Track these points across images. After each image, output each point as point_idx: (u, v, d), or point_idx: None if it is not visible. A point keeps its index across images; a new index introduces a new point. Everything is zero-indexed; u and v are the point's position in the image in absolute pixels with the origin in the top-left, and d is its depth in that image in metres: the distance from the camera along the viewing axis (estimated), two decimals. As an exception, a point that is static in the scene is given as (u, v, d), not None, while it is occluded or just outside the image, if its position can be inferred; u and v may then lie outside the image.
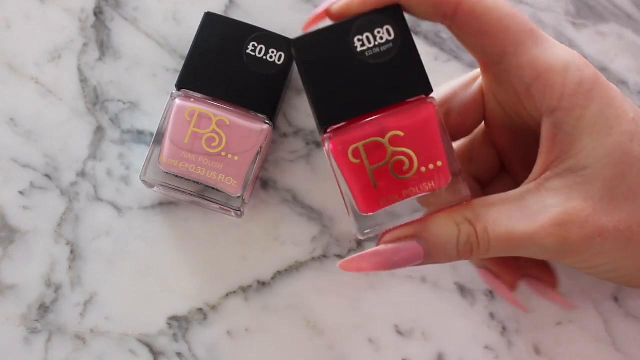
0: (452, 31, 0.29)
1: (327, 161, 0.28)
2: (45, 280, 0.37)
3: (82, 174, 0.38)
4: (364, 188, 0.28)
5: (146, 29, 0.40)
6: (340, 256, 0.38)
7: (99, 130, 0.38)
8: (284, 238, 0.38)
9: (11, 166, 0.38)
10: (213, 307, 0.37)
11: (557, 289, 0.34)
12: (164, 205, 0.38)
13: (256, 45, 0.36)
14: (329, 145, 0.28)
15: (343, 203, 0.29)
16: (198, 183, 0.35)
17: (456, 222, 0.28)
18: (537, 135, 0.29)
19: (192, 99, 0.36)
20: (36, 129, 0.38)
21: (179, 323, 0.37)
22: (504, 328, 0.37)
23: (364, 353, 0.37)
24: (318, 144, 0.39)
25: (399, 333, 0.37)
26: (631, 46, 0.40)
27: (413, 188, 0.27)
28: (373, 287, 0.37)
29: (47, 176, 0.38)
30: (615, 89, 0.28)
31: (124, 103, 0.39)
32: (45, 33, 0.39)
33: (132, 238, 0.37)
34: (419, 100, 0.28)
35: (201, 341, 0.37)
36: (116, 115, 0.39)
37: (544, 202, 0.27)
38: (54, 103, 0.39)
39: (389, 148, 0.27)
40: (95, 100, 0.39)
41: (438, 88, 0.33)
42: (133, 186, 0.38)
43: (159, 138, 0.35)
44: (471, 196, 0.28)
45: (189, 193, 0.36)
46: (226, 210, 0.36)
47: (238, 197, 0.35)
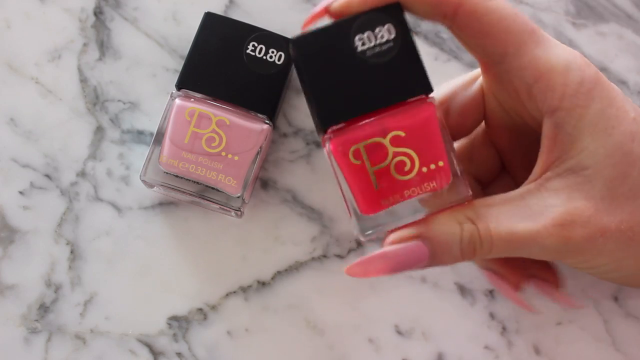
0: (453, 31, 0.29)
1: (328, 161, 0.28)
2: (45, 280, 0.37)
3: (82, 174, 0.38)
4: (365, 189, 0.27)
5: (146, 29, 0.40)
6: (340, 256, 0.38)
7: (99, 130, 0.38)
8: (284, 238, 0.38)
9: (11, 166, 0.38)
10: (213, 307, 0.37)
11: (563, 289, 0.34)
12: (164, 205, 0.38)
13: (256, 45, 0.36)
14: (330, 146, 0.27)
15: (344, 204, 0.29)
16: (198, 183, 0.35)
17: (458, 221, 0.28)
18: (538, 135, 0.29)
19: (192, 99, 0.36)
20: (36, 129, 0.38)
21: (179, 323, 0.37)
22: (504, 328, 0.37)
23: (364, 353, 0.37)
24: (318, 144, 0.39)
25: (399, 333, 0.37)
26: (631, 46, 0.40)
27: (414, 188, 0.27)
28: (373, 287, 0.37)
29: (47, 176, 0.38)
30: (616, 89, 0.28)
31: (124, 103, 0.39)
32: (45, 33, 0.39)
33: (132, 238, 0.37)
34: (420, 100, 0.28)
35: (201, 341, 0.37)
36: (116, 115, 0.39)
37: (545, 202, 0.27)
38: (54, 103, 0.39)
39: (390, 148, 0.27)
40: (95, 100, 0.39)
41: (438, 88, 0.33)
42: (133, 186, 0.38)
43: (159, 138, 0.35)
44: (472, 194, 0.28)
45: (189, 193, 0.36)
46: (226, 210, 0.36)
47: (238, 197, 0.35)
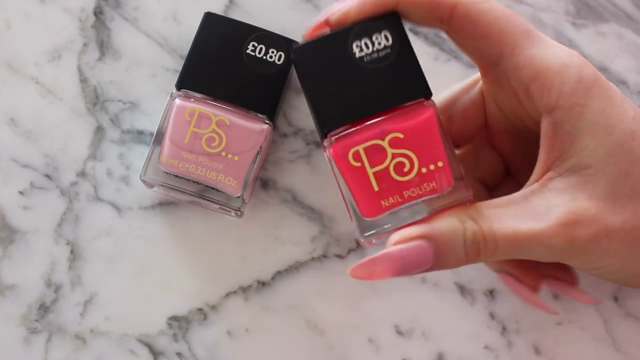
0: (450, 35, 0.29)
1: (328, 164, 0.28)
2: (45, 280, 0.37)
3: (82, 174, 0.38)
4: (365, 190, 0.28)
5: (146, 29, 0.40)
6: (340, 256, 0.38)
7: (99, 130, 0.38)
8: (284, 238, 0.38)
9: (11, 166, 0.38)
10: (213, 307, 0.37)
11: (578, 286, 0.34)
12: (164, 205, 0.38)
13: (256, 45, 0.36)
14: (330, 150, 0.28)
15: (345, 207, 0.29)
16: (198, 183, 0.35)
17: (461, 220, 0.27)
18: (538, 137, 0.29)
19: (192, 99, 0.36)
20: (36, 129, 0.38)
21: (179, 323, 0.37)
22: (504, 328, 0.37)
23: (364, 353, 0.37)
24: (318, 144, 0.39)
25: (399, 333, 0.37)
26: (631, 46, 0.40)
27: (414, 189, 0.28)
28: (373, 288, 0.37)
29: (47, 176, 0.38)
30: (614, 88, 0.28)
31: (124, 103, 0.39)
32: (45, 33, 0.39)
33: (132, 238, 0.37)
34: (419, 103, 0.28)
35: (201, 341, 0.37)
36: (116, 115, 0.39)
37: (549, 203, 0.27)
38: (54, 103, 0.39)
39: (389, 150, 0.27)
40: (95, 100, 0.39)
41: (439, 94, 0.33)
42: (133, 186, 0.38)
43: (159, 138, 0.35)
44: (475, 199, 0.28)
45: (189, 193, 0.36)
46: (226, 210, 0.36)
47: (238, 197, 0.35)
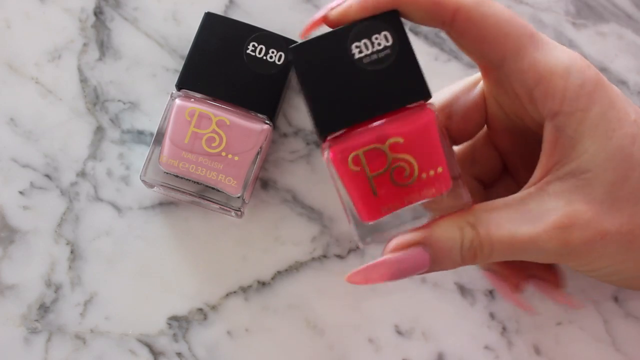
0: (451, 36, 0.29)
1: (327, 168, 0.28)
2: (45, 280, 0.37)
3: (82, 174, 0.38)
4: (365, 196, 0.27)
5: (146, 29, 0.40)
6: (340, 256, 0.38)
7: (99, 130, 0.38)
8: (284, 238, 0.38)
9: (11, 166, 0.38)
10: (213, 307, 0.37)
11: (563, 290, 0.34)
12: (164, 205, 0.38)
13: (256, 45, 0.36)
14: (329, 153, 0.27)
15: (343, 211, 0.29)
16: (198, 183, 0.35)
17: (459, 226, 0.28)
18: (539, 137, 0.29)
19: (192, 99, 0.36)
20: (36, 129, 0.38)
21: (179, 323, 0.37)
22: (504, 328, 0.37)
23: (364, 353, 0.37)
24: (318, 144, 0.39)
25: (399, 333, 0.37)
26: (631, 46, 0.40)
27: (414, 195, 0.27)
28: (373, 287, 0.37)
29: (47, 176, 0.38)
30: (617, 91, 0.28)
31: (124, 103, 0.39)
32: (45, 33, 0.39)
33: (132, 238, 0.37)
34: (418, 106, 0.28)
35: (201, 341, 0.37)
36: (116, 115, 0.39)
37: (545, 206, 0.27)
38: (54, 103, 0.39)
39: (389, 155, 0.27)
40: (95, 100, 0.39)
41: (439, 92, 0.33)
42: (133, 186, 0.38)
43: (159, 138, 0.35)
44: (472, 201, 0.28)
45: (189, 193, 0.36)
46: (226, 210, 0.36)
47: (238, 197, 0.35)
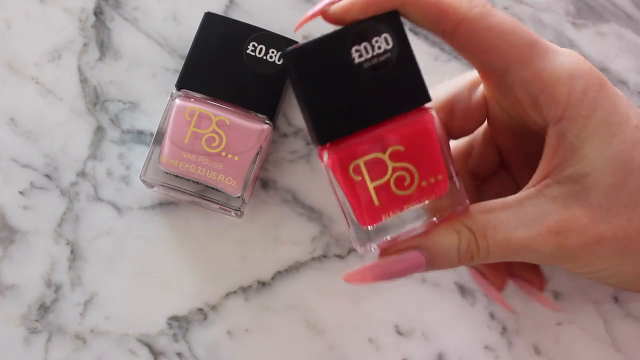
0: (450, 44, 0.28)
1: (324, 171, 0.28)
2: (45, 280, 0.37)
3: (82, 174, 0.38)
4: (365, 204, 0.27)
5: (146, 29, 0.40)
6: (340, 256, 0.38)
7: (99, 130, 0.38)
8: (284, 238, 0.38)
9: (11, 166, 0.38)
10: (213, 307, 0.37)
11: (544, 291, 0.35)
12: (164, 205, 0.38)
13: (256, 45, 0.36)
14: (328, 160, 0.27)
15: (342, 215, 0.28)
16: (198, 183, 0.35)
17: (456, 230, 0.28)
18: (540, 136, 0.29)
19: (192, 99, 0.36)
20: (36, 129, 0.38)
21: (179, 323, 0.37)
22: (504, 328, 0.37)
23: (364, 353, 0.37)
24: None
25: (399, 333, 0.37)
26: (631, 46, 0.40)
27: (414, 201, 0.27)
28: (373, 287, 0.37)
29: (47, 176, 0.38)
30: (619, 95, 0.28)
31: (124, 103, 0.39)
32: (45, 33, 0.39)
33: (132, 238, 0.37)
34: (418, 111, 0.27)
35: (201, 341, 0.37)
36: (116, 115, 0.39)
37: (543, 209, 0.27)
38: (54, 103, 0.39)
39: (390, 163, 0.27)
40: (95, 100, 0.39)
41: (441, 86, 0.32)
42: (133, 186, 0.38)
43: (159, 138, 0.35)
44: (469, 204, 0.28)
45: (189, 193, 0.36)
46: (226, 210, 0.36)
47: (238, 197, 0.35)
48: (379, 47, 0.26)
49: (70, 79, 0.39)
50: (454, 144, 0.34)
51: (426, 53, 0.40)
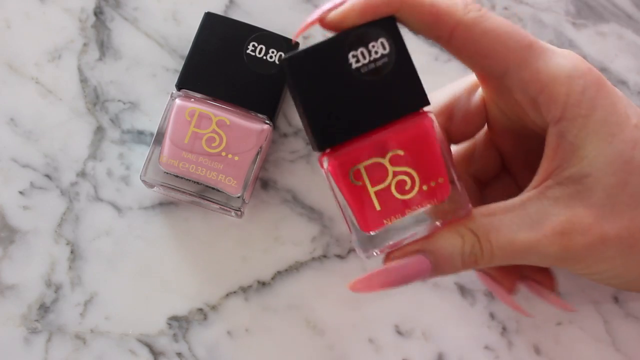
0: (447, 50, 0.28)
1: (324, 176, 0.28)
2: (45, 280, 0.37)
3: (82, 174, 0.38)
4: (367, 209, 0.27)
5: (146, 29, 0.40)
6: (340, 256, 0.38)
7: (99, 130, 0.38)
8: (284, 238, 0.38)
9: (11, 166, 0.38)
10: (213, 307, 0.37)
11: (556, 292, 0.34)
12: (164, 205, 0.38)
13: (256, 45, 0.36)
14: (328, 166, 0.27)
15: (343, 220, 0.28)
16: (198, 183, 0.35)
17: (459, 233, 0.28)
18: (540, 137, 0.29)
19: (192, 99, 0.36)
20: (36, 129, 0.38)
21: (179, 323, 0.37)
22: (504, 328, 0.37)
23: (364, 353, 0.37)
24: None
25: (399, 333, 0.37)
26: (631, 46, 0.40)
27: (415, 205, 0.27)
28: (373, 287, 0.37)
29: (47, 176, 0.38)
30: (618, 94, 0.28)
31: (124, 103, 0.39)
32: (45, 33, 0.39)
33: (132, 238, 0.37)
34: (417, 115, 0.27)
35: (201, 341, 0.37)
36: (116, 115, 0.39)
37: (545, 211, 0.27)
38: (54, 103, 0.39)
39: (390, 168, 0.27)
40: (95, 100, 0.39)
41: (440, 91, 0.33)
42: (133, 186, 0.38)
43: (159, 138, 0.35)
44: (472, 207, 0.28)
45: (189, 193, 0.36)
46: (226, 210, 0.36)
47: (238, 197, 0.35)
48: (376, 52, 0.26)
49: (70, 79, 0.39)
50: (455, 149, 0.34)
51: (426, 53, 0.40)
